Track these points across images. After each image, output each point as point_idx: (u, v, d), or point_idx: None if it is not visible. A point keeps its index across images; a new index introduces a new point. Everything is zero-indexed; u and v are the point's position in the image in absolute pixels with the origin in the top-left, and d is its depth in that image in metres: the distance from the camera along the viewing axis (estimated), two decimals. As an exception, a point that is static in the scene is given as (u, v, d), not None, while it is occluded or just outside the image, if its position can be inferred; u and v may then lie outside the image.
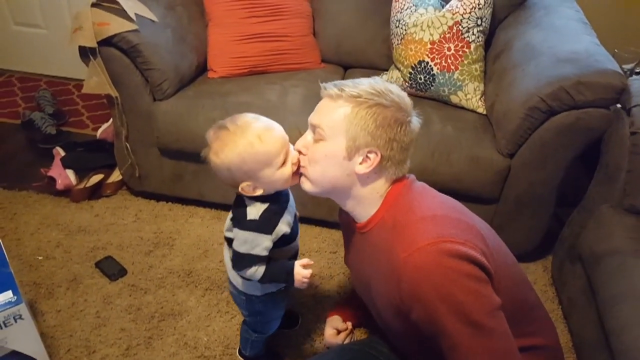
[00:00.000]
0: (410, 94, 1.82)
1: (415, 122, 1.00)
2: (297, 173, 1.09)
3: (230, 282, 1.27)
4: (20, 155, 2.27)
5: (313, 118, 1.01)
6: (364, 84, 0.97)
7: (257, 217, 1.09)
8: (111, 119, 1.90)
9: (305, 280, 1.10)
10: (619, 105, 1.48)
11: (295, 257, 1.24)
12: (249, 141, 1.02)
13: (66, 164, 2.06)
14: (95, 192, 2.04)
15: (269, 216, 1.09)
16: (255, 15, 1.91)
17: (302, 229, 1.90)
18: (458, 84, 1.77)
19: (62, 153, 2.13)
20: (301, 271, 1.10)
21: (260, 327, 1.35)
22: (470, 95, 1.78)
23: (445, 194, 1.67)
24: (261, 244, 1.08)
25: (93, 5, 1.67)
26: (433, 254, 0.85)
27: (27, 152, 2.29)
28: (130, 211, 1.96)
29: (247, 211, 1.09)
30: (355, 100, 0.94)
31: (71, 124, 2.49)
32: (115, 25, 1.63)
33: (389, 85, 0.98)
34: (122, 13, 1.65)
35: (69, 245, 1.80)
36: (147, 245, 1.81)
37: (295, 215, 1.20)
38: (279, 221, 1.10)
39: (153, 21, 1.74)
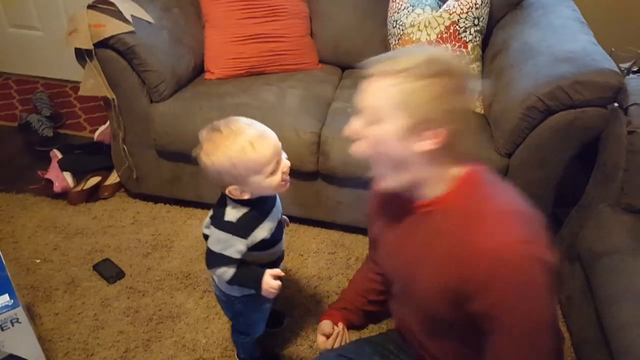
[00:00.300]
0: None
1: (473, 85, 0.92)
2: (286, 181, 1.09)
3: (213, 282, 1.27)
4: (17, 158, 2.26)
5: (360, 101, 0.92)
6: (410, 55, 0.87)
7: (234, 220, 1.09)
8: (108, 121, 1.89)
9: (273, 291, 1.10)
10: (616, 104, 1.48)
11: (278, 261, 1.24)
12: (241, 147, 1.02)
13: (63, 166, 2.06)
14: (92, 195, 2.04)
15: (247, 221, 1.10)
16: (252, 16, 1.91)
17: (301, 229, 1.91)
18: (455, 83, 1.77)
19: (60, 155, 2.12)
20: (270, 281, 1.09)
21: (245, 328, 1.35)
22: (468, 95, 1.78)
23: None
24: (234, 245, 1.09)
25: (89, 7, 1.66)
26: (523, 254, 0.83)
27: (24, 154, 2.28)
28: (128, 213, 1.96)
29: (226, 211, 1.10)
30: (404, 74, 0.84)
31: (68, 127, 2.49)
32: (111, 27, 1.63)
33: (435, 50, 0.88)
34: (118, 15, 1.65)
35: (66, 248, 1.79)
36: (145, 248, 1.81)
37: (280, 222, 1.20)
38: (257, 226, 1.11)
39: (149, 23, 1.74)
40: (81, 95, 1.74)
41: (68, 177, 2.04)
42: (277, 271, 1.11)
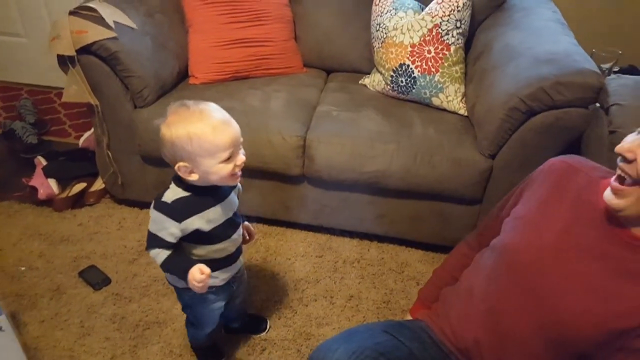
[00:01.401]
0: (392, 97, 1.88)
1: None
2: (237, 176, 1.10)
3: None
4: (1, 165, 2.24)
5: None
6: None
7: (168, 201, 1.10)
8: (93, 127, 1.88)
9: (196, 284, 1.09)
10: (597, 105, 1.50)
11: (229, 261, 1.24)
12: (202, 127, 1.03)
13: (48, 173, 2.04)
14: (78, 201, 2.03)
15: (183, 205, 1.10)
16: (236, 20, 1.91)
17: (288, 233, 1.91)
18: (439, 86, 1.78)
19: (44, 162, 2.10)
20: (195, 274, 1.09)
21: (194, 320, 1.36)
22: (452, 97, 1.80)
23: (429, 196, 1.71)
24: (167, 228, 1.09)
25: (71, 13, 1.65)
26: None
27: (9, 162, 2.26)
28: (113, 219, 1.95)
29: (165, 192, 1.12)
30: None
31: (53, 133, 2.47)
32: (94, 33, 1.62)
33: None
34: (101, 21, 1.64)
35: (51, 255, 1.78)
36: (131, 254, 1.80)
37: (231, 221, 1.19)
38: (194, 214, 1.11)
39: (132, 28, 1.73)
40: (65, 102, 1.73)
41: (53, 184, 2.02)
42: (203, 266, 1.10)
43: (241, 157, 1.09)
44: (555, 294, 0.92)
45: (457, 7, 1.76)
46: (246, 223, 1.34)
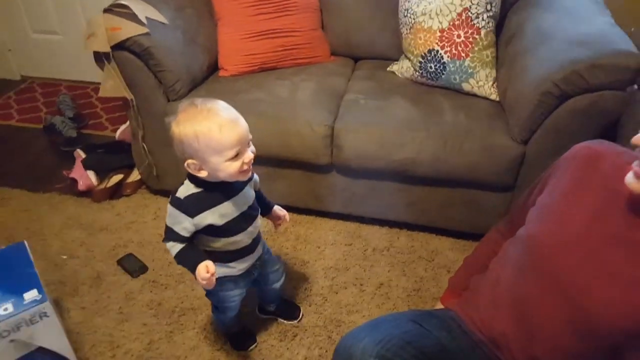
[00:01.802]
0: (421, 84, 1.86)
1: None
2: (246, 172, 1.11)
3: None
4: (43, 158, 2.34)
5: None
6: None
7: (181, 197, 1.13)
8: (128, 121, 1.94)
9: (202, 282, 1.13)
10: (635, 86, 1.44)
11: (245, 252, 1.26)
12: (209, 126, 1.05)
13: (87, 165, 2.12)
14: (115, 192, 2.10)
15: (194, 201, 1.13)
16: (263, 12, 1.93)
17: (317, 221, 1.93)
18: (469, 71, 1.75)
19: (83, 155, 2.19)
20: (201, 272, 1.12)
21: (216, 303, 1.40)
22: (483, 82, 1.76)
23: (460, 183, 1.69)
24: (181, 222, 1.13)
25: (105, 11, 1.70)
26: None
27: (50, 155, 2.36)
28: (149, 209, 2.01)
29: (179, 188, 1.15)
30: None
31: (91, 127, 2.56)
32: (127, 30, 1.66)
33: None
34: (133, 17, 1.68)
35: (91, 244, 1.86)
36: (167, 243, 1.85)
37: (246, 214, 1.21)
38: (206, 209, 1.13)
39: (163, 23, 1.77)
40: (102, 97, 1.79)
41: (92, 175, 2.10)
42: (210, 264, 1.13)
43: (249, 155, 1.10)
44: (581, 286, 0.90)
45: (488, -10, 1.72)
46: (275, 207, 1.37)
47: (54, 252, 1.82)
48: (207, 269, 1.12)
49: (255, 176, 1.28)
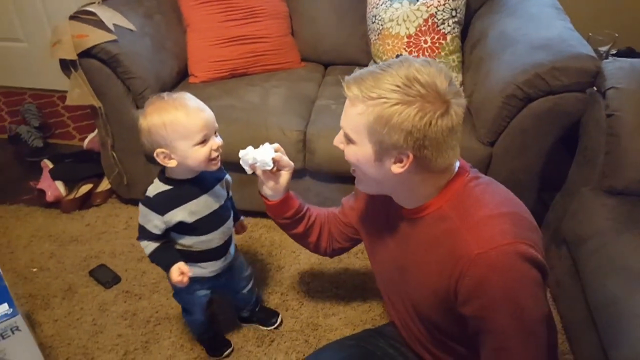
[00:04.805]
0: None
1: (456, 105, 0.86)
2: (215, 160, 1.14)
3: None
4: (8, 169, 2.28)
5: (341, 121, 0.95)
6: (385, 79, 0.85)
7: (151, 195, 1.16)
8: (97, 129, 1.91)
9: (177, 282, 1.17)
10: (594, 89, 1.50)
11: (217, 253, 1.29)
12: (175, 113, 1.08)
13: (55, 175, 2.08)
14: (85, 202, 2.06)
15: (164, 199, 1.16)
16: (232, 18, 1.93)
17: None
18: (437, 75, 1.79)
19: (50, 165, 2.14)
20: (174, 272, 1.17)
21: (183, 305, 1.43)
22: (450, 86, 1.80)
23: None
24: (152, 220, 1.16)
25: (71, 17, 1.68)
26: (510, 255, 0.84)
27: (16, 166, 2.30)
28: (120, 219, 1.98)
29: (149, 187, 1.18)
30: (374, 102, 0.85)
31: (58, 136, 2.51)
32: (94, 37, 1.64)
33: (416, 72, 0.85)
34: (100, 24, 1.66)
35: (62, 255, 1.82)
36: (139, 252, 1.83)
37: (217, 213, 1.24)
38: (176, 207, 1.16)
39: (131, 30, 1.76)
40: (69, 105, 1.76)
41: (60, 186, 2.06)
42: (183, 266, 1.17)
43: (216, 141, 1.13)
44: (402, 289, 1.09)
45: (452, -4, 1.77)
46: (242, 219, 1.42)
47: (23, 265, 1.78)
48: (180, 271, 1.16)
49: (228, 176, 1.30)
